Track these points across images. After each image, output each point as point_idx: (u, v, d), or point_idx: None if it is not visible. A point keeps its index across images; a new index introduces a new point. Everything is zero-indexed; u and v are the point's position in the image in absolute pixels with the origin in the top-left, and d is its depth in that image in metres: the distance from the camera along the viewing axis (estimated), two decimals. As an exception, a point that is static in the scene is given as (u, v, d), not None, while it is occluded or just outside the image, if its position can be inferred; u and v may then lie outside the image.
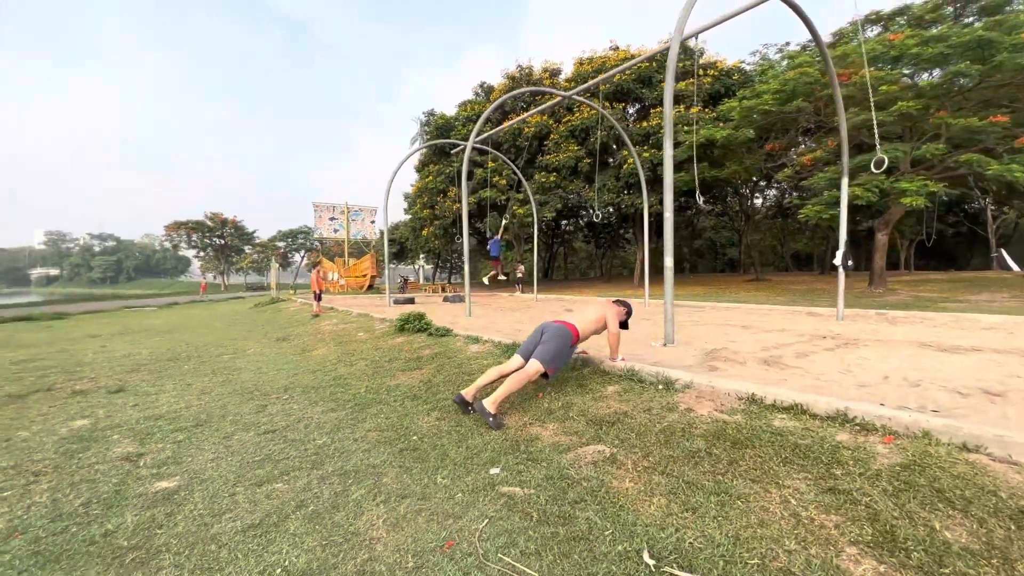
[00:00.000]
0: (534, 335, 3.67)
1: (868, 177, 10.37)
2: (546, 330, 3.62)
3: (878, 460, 2.08)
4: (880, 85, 10.74)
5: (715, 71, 18.92)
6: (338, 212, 27.06)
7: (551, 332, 3.58)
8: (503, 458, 2.69)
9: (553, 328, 3.61)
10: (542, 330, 3.65)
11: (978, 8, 12.19)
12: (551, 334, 3.56)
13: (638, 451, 2.54)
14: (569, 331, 3.61)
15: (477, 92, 25.34)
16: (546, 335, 3.56)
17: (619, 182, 19.16)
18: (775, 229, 37.76)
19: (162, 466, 2.81)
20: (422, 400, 3.90)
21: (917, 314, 8.26)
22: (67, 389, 4.80)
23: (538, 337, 3.60)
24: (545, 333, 3.59)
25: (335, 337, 7.54)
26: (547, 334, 3.57)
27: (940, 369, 4.12)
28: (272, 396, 4.38)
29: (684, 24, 5.70)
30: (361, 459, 2.80)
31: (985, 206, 28.80)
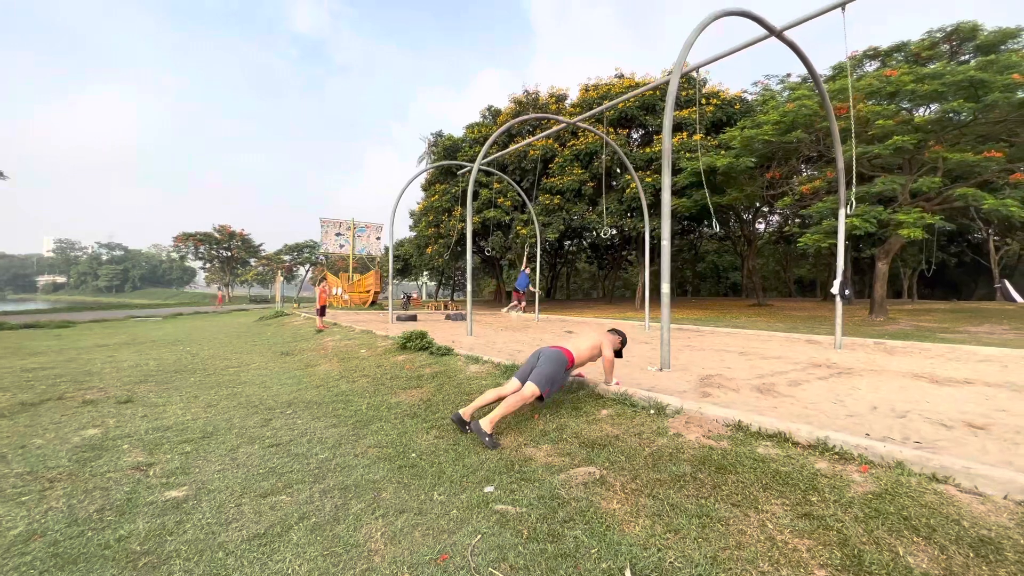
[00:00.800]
0: (531, 359, 3.82)
1: (864, 207, 10.56)
2: (542, 354, 3.77)
3: (853, 488, 2.19)
4: (877, 119, 11.01)
5: (718, 100, 19.36)
6: (344, 228, 27.46)
7: (547, 356, 3.72)
8: (498, 477, 2.80)
9: (549, 353, 3.77)
10: (539, 354, 3.80)
11: (973, 47, 12.53)
12: (547, 358, 3.70)
13: (627, 474, 2.65)
14: (564, 356, 3.76)
15: (484, 115, 25.92)
16: (542, 359, 3.71)
17: (622, 205, 19.45)
18: (778, 254, 37.94)
19: (171, 476, 2.93)
20: (421, 418, 4.01)
21: (915, 344, 8.33)
22: (78, 398, 4.94)
23: (535, 361, 3.75)
24: (541, 357, 3.74)
25: (338, 353, 7.68)
26: (543, 358, 3.71)
27: (928, 401, 4.21)
28: (276, 410, 4.50)
29: (683, 60, 5.97)
30: (361, 474, 2.92)
31: (988, 237, 28.92)
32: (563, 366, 3.71)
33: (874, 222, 10.77)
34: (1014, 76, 9.50)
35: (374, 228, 28.55)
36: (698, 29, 5.98)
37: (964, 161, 10.45)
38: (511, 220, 21.68)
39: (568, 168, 20.40)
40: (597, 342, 4.10)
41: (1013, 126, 11.27)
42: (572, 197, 20.50)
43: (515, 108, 23.43)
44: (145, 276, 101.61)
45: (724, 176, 16.71)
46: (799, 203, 14.86)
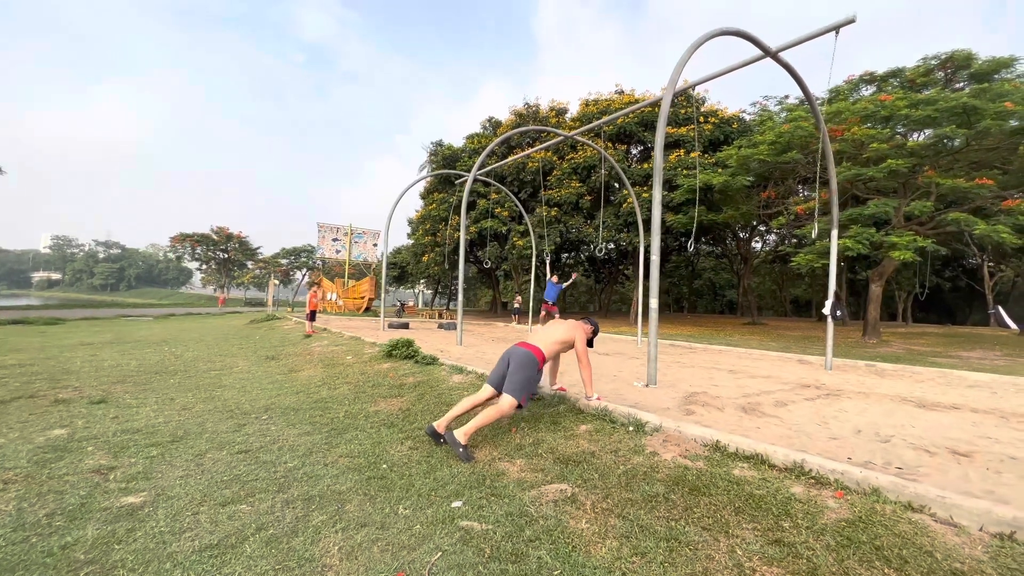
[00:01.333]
0: (501, 363, 3.65)
1: (857, 229, 10.61)
2: (512, 358, 3.60)
3: (826, 514, 2.12)
4: (871, 143, 11.10)
5: (716, 119, 19.54)
6: (341, 233, 27.45)
7: (517, 361, 3.55)
8: (468, 492, 2.72)
9: (519, 356, 3.59)
10: (508, 358, 3.63)
11: (968, 74, 12.71)
12: (517, 363, 3.54)
13: (599, 492, 2.58)
14: (535, 356, 3.61)
15: (485, 126, 26.10)
16: (512, 365, 3.54)
17: (619, 220, 19.50)
18: (774, 273, 38.07)
19: (131, 481, 2.84)
20: (398, 428, 3.93)
21: (906, 368, 8.29)
22: (50, 397, 4.83)
23: (505, 366, 3.58)
24: (512, 362, 3.57)
25: (323, 359, 7.59)
26: (513, 363, 3.55)
27: (914, 426, 4.15)
28: (252, 415, 4.41)
29: (677, 78, 6.00)
30: (328, 485, 2.83)
31: (982, 263, 29.09)
32: (535, 367, 3.57)
33: (867, 244, 10.80)
34: (1006, 104, 9.62)
35: (371, 235, 28.55)
36: (692, 48, 6.02)
37: (956, 187, 10.53)
38: (508, 231, 21.71)
39: (566, 181, 20.50)
40: (570, 336, 3.94)
41: (1005, 154, 11.39)
42: (570, 210, 20.57)
43: (515, 120, 23.60)
44: (141, 276, 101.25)
45: (721, 194, 16.81)
46: (794, 223, 14.93)
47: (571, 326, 4.04)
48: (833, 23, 6.65)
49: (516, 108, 24.27)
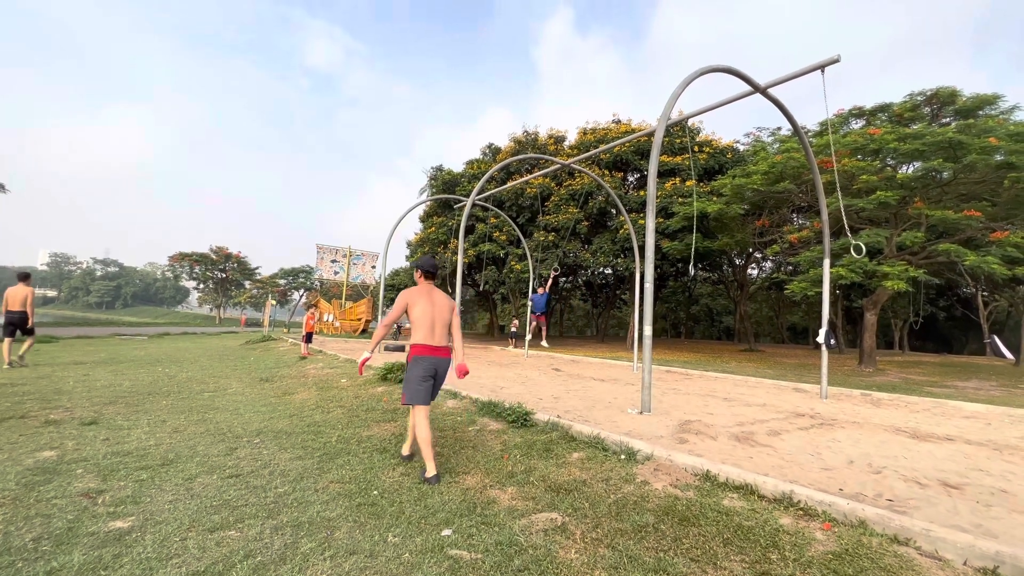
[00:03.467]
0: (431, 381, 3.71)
1: (850, 258, 10.75)
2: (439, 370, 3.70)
3: (813, 547, 2.13)
4: (861, 174, 11.36)
5: (710, 148, 19.99)
6: (340, 255, 27.59)
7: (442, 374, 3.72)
8: (458, 520, 2.71)
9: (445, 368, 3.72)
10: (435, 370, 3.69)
11: (953, 111, 13.11)
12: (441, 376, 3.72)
13: (589, 521, 2.58)
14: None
15: (485, 152, 26.58)
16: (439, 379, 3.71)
17: (615, 245, 19.70)
18: (771, 300, 38.23)
19: (120, 505, 2.83)
20: (391, 453, 3.92)
21: (901, 397, 8.29)
22: (41, 418, 4.80)
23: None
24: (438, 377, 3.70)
25: (318, 382, 7.56)
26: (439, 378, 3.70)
27: (906, 457, 4.16)
28: (244, 439, 4.39)
29: (669, 111, 6.20)
30: (318, 511, 2.82)
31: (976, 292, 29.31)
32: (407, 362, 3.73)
33: (860, 272, 10.93)
34: (991, 139, 9.90)
35: (370, 256, 28.70)
36: (684, 83, 6.25)
37: (946, 219, 10.74)
38: (506, 254, 21.87)
39: (564, 207, 20.78)
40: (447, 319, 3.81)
41: (993, 186, 11.65)
42: (567, 235, 20.78)
43: (514, 147, 24.07)
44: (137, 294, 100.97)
45: (716, 221, 17.06)
46: (788, 251, 15.12)
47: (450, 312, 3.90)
48: (818, 63, 6.92)
49: (515, 135, 24.78)
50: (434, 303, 3.68)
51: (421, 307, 3.63)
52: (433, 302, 3.68)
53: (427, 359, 3.58)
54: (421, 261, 3.86)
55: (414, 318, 3.65)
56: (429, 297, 3.69)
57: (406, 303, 3.65)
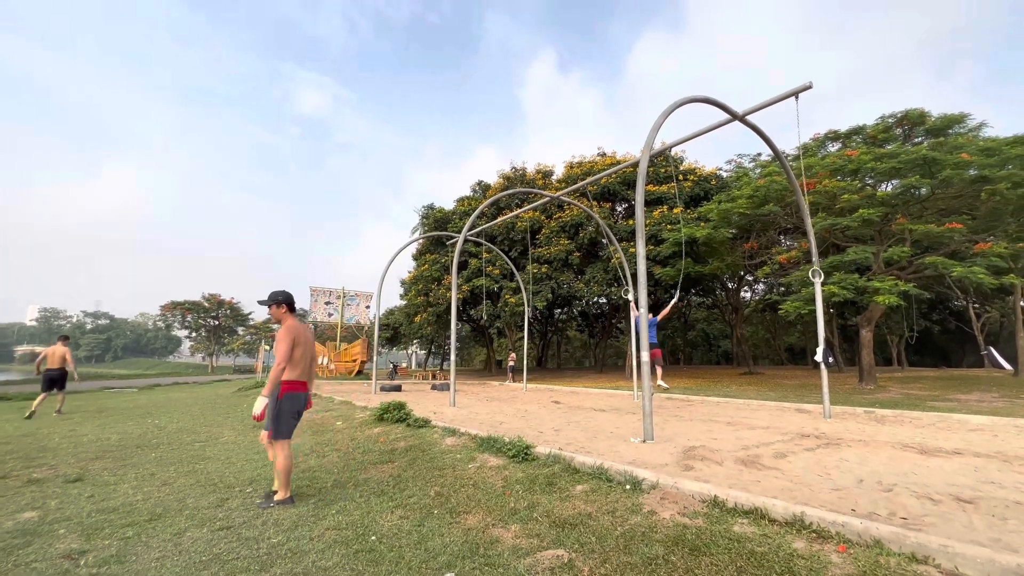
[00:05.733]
0: None
1: (840, 275, 10.89)
2: None
3: (831, 570, 2.05)
4: (843, 194, 11.66)
5: (695, 176, 20.50)
6: (334, 297, 27.53)
7: None
8: (460, 562, 2.59)
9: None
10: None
11: (924, 130, 13.62)
12: None
13: (596, 556, 2.47)
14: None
15: (475, 189, 27.08)
16: None
17: (608, 274, 19.83)
18: (766, 322, 38.31)
19: (103, 565, 2.68)
20: (388, 496, 3.78)
21: (905, 413, 8.21)
22: (23, 477, 4.62)
23: None
24: None
25: (312, 426, 7.38)
26: None
27: (916, 473, 4.08)
28: (235, 489, 4.23)
29: (651, 141, 6.39)
30: (313, 560, 2.69)
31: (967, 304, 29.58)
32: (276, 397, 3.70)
33: (852, 289, 11.04)
34: (963, 155, 10.25)
35: (364, 297, 28.65)
36: (664, 114, 6.47)
37: (929, 232, 10.96)
38: (500, 288, 21.93)
39: (555, 239, 21.03)
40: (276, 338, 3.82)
41: (970, 201, 11.98)
42: (559, 266, 20.94)
43: (504, 183, 24.55)
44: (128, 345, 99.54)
45: (706, 246, 17.29)
46: (779, 272, 15.29)
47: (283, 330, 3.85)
48: (792, 89, 7.22)
49: (504, 172, 25.33)
50: (309, 341, 3.88)
51: (305, 346, 3.78)
52: (309, 340, 3.87)
53: (300, 396, 3.79)
54: (284, 296, 3.88)
55: (297, 355, 3.72)
56: (307, 335, 3.86)
57: (295, 339, 3.71)
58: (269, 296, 3.94)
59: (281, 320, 3.86)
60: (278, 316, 3.86)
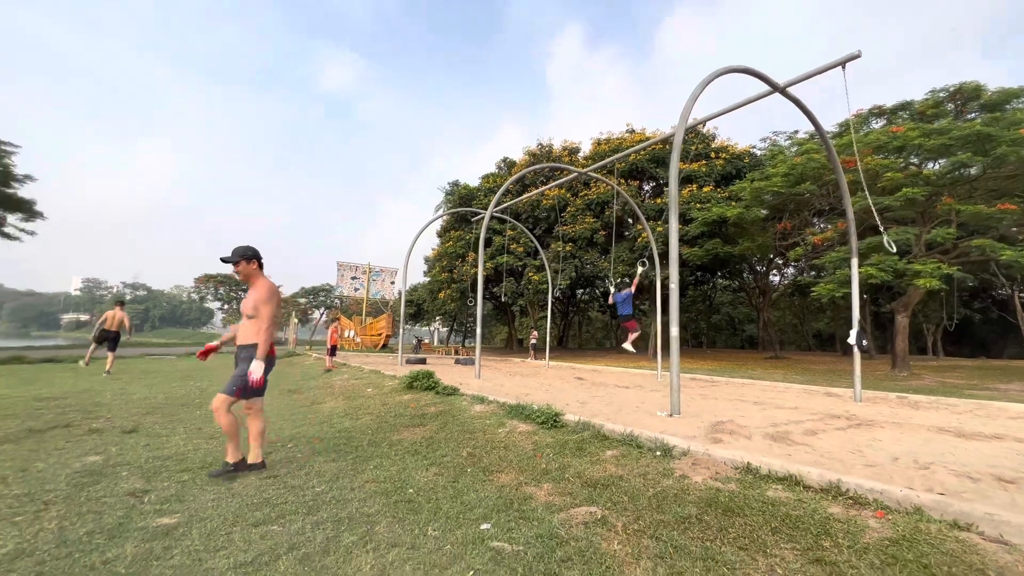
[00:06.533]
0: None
1: (879, 257, 10.50)
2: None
3: (868, 534, 2.06)
4: (886, 172, 11.15)
5: (727, 154, 19.87)
6: (360, 272, 28.00)
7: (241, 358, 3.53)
8: (495, 515, 2.70)
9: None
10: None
11: (978, 106, 12.82)
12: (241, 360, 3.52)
13: (630, 514, 2.54)
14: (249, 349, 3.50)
15: (500, 166, 26.88)
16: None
17: (633, 254, 19.59)
18: (794, 307, 37.37)
19: (165, 503, 2.89)
20: (422, 456, 3.93)
21: (941, 399, 7.99)
22: (84, 427, 4.96)
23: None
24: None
25: (344, 392, 7.64)
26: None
27: (954, 454, 4.00)
28: (277, 444, 4.45)
29: (689, 111, 6.21)
30: (356, 507, 2.84)
31: (1013, 292, 28.19)
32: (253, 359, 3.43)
33: (890, 271, 10.65)
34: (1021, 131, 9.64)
35: (389, 272, 29.05)
36: (703, 84, 6.27)
37: (978, 213, 10.43)
38: (524, 266, 21.93)
39: (580, 217, 20.81)
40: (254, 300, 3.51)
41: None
42: (584, 245, 20.77)
43: (529, 160, 24.29)
44: (164, 316, 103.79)
45: (736, 227, 16.87)
46: (812, 254, 14.84)
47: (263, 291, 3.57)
48: (839, 59, 6.88)
49: (530, 149, 25.03)
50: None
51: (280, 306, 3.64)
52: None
53: (274, 359, 3.64)
54: (253, 251, 3.60)
55: (279, 316, 3.61)
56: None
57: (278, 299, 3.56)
58: (234, 251, 3.57)
59: (250, 277, 3.58)
60: (247, 273, 3.56)
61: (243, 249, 3.57)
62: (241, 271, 3.56)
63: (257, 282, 3.57)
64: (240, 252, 3.55)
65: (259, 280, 3.58)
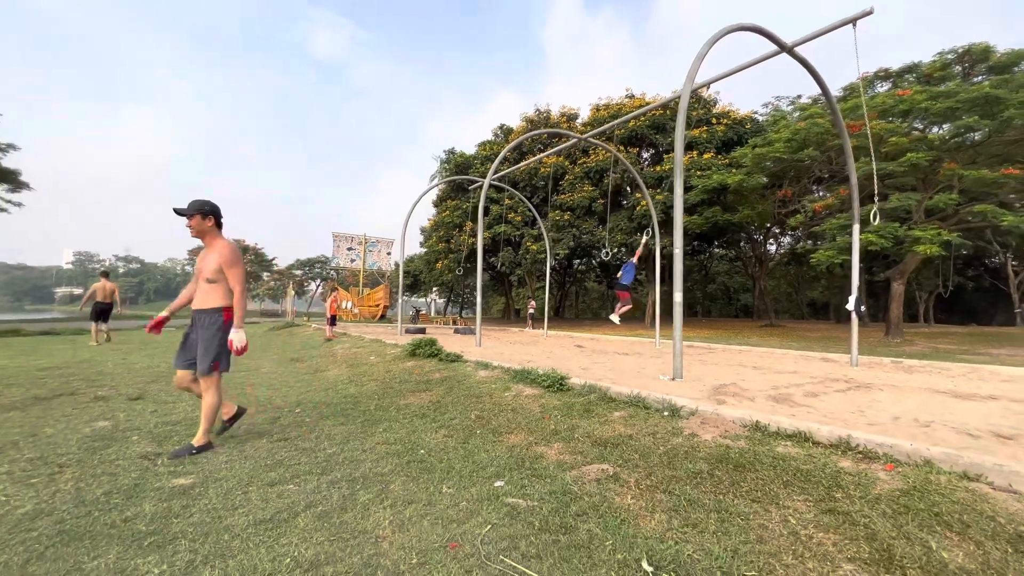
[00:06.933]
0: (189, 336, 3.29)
1: (880, 224, 10.47)
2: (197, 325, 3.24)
3: (879, 485, 2.10)
4: (890, 137, 10.99)
5: (728, 120, 19.50)
6: (356, 243, 27.78)
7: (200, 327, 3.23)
8: (508, 473, 2.74)
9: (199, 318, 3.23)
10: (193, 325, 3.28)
11: (986, 67, 12.55)
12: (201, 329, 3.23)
13: (641, 470, 2.58)
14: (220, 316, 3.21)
15: (496, 133, 26.33)
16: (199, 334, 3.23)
17: (632, 223, 19.48)
18: (789, 276, 37.61)
19: (179, 465, 2.91)
20: (430, 419, 3.96)
21: (934, 364, 8.13)
22: (89, 395, 4.96)
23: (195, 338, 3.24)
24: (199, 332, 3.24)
25: (347, 360, 7.67)
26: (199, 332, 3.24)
27: (952, 413, 4.08)
28: (284, 409, 4.48)
29: (696, 70, 6.03)
30: (369, 468, 2.87)
31: (1006, 261, 28.39)
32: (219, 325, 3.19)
33: (891, 238, 10.65)
34: (1030, 94, 9.47)
35: (385, 243, 28.85)
36: (711, 41, 6.06)
37: (981, 178, 10.36)
38: (521, 236, 21.79)
39: (578, 185, 20.56)
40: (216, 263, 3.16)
41: (1029, 147, 11.19)
42: (582, 214, 20.60)
43: (527, 127, 23.79)
44: (159, 289, 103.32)
45: (735, 195, 16.73)
46: (811, 222, 14.79)
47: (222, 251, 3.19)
48: (851, 16, 6.65)
49: (527, 115, 24.47)
50: None
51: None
52: None
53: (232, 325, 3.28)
54: (211, 206, 3.20)
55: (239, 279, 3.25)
56: None
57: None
58: (190, 204, 3.18)
59: (205, 235, 3.21)
60: (202, 230, 3.18)
61: (200, 203, 3.17)
62: (195, 227, 3.17)
63: (215, 242, 3.21)
64: (196, 206, 3.16)
65: (217, 240, 3.22)
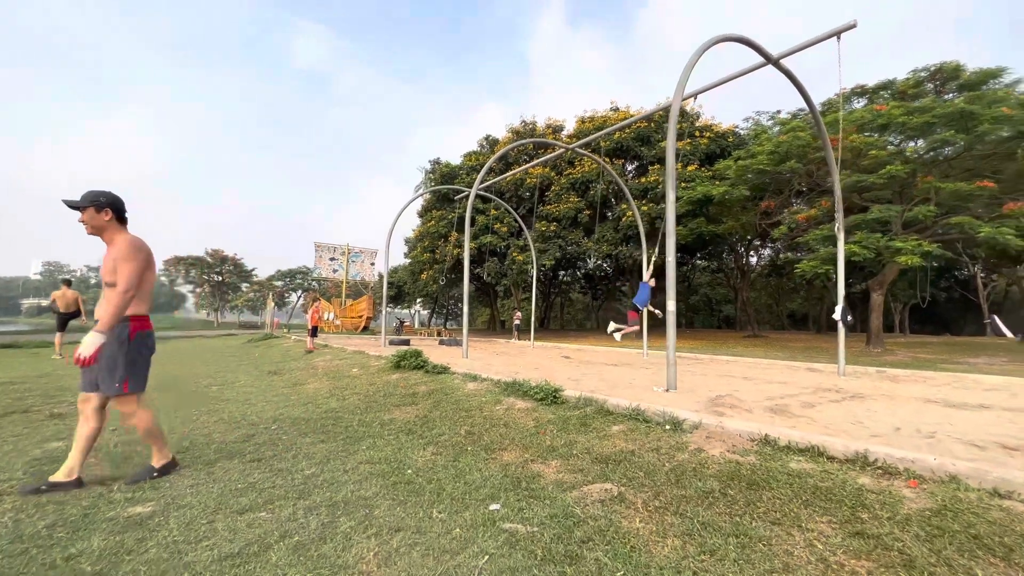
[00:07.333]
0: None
1: (862, 235, 10.63)
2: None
3: (906, 504, 1.96)
4: (870, 150, 11.22)
5: (711, 133, 19.82)
6: (339, 253, 27.29)
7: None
8: (503, 495, 2.52)
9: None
10: None
11: (957, 85, 12.98)
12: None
13: (648, 490, 2.40)
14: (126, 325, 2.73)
15: (482, 144, 26.30)
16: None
17: (618, 234, 19.53)
18: (770, 288, 38.22)
19: (137, 491, 2.62)
20: (417, 435, 3.72)
21: (918, 373, 8.19)
22: (44, 412, 4.58)
23: None
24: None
25: (328, 373, 7.35)
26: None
27: (951, 423, 4.01)
28: (260, 426, 4.18)
29: (686, 80, 6.00)
30: (352, 490, 2.62)
31: (975, 273, 29.31)
32: (124, 337, 2.72)
33: (872, 249, 10.80)
34: (1003, 109, 9.77)
35: (368, 254, 28.41)
36: (700, 51, 6.06)
37: (957, 191, 10.61)
38: (507, 246, 21.66)
39: (564, 196, 20.58)
40: (113, 257, 2.68)
41: (997, 162, 11.56)
42: (568, 224, 20.59)
43: (512, 138, 23.81)
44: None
45: (719, 206, 16.91)
46: (793, 233, 14.99)
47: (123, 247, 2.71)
48: (834, 29, 6.75)
49: (513, 126, 24.52)
50: (155, 267, 2.89)
51: (153, 271, 2.83)
52: (155, 265, 2.89)
53: (153, 336, 2.90)
54: (108, 197, 2.73)
55: (148, 283, 2.79)
56: (154, 258, 2.87)
57: (147, 259, 2.75)
58: (84, 196, 2.71)
59: (103, 232, 2.73)
60: (98, 225, 2.70)
61: (95, 194, 2.71)
62: (87, 222, 2.70)
63: (116, 238, 2.72)
64: (90, 197, 2.69)
65: (118, 236, 2.73)
